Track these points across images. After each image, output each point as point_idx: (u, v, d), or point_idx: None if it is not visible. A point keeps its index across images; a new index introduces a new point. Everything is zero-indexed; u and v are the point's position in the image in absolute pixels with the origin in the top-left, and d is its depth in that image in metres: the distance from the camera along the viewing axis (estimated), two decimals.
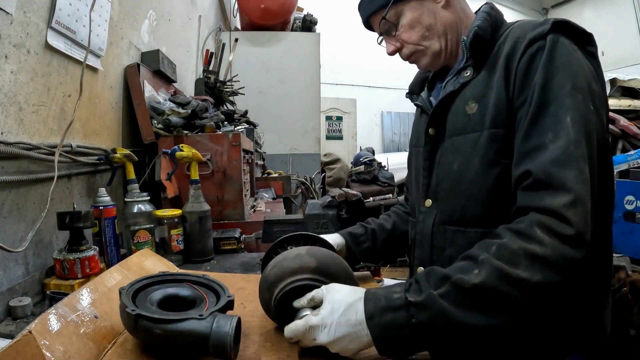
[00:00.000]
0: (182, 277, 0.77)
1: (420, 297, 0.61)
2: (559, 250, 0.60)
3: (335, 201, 1.30)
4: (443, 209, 0.86)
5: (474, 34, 0.81)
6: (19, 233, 0.97)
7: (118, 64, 1.57)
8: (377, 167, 5.28)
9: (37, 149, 1.01)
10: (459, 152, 0.82)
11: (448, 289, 0.61)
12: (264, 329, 0.78)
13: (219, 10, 4.09)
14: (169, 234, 1.27)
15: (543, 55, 0.72)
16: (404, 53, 0.92)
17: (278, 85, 4.02)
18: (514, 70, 0.75)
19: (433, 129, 0.90)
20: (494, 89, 0.78)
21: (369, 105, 8.14)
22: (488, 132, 0.77)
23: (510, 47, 0.78)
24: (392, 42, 0.93)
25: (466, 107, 0.82)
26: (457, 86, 0.84)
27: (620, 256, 1.96)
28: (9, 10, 0.93)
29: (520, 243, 0.61)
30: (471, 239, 0.77)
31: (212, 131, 1.70)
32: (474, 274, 0.61)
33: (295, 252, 0.74)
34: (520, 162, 0.70)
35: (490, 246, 0.63)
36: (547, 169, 0.65)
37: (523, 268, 0.59)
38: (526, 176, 0.68)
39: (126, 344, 0.68)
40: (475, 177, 0.79)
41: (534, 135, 0.69)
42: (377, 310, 0.62)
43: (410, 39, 0.89)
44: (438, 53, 0.89)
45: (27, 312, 0.88)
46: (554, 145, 0.66)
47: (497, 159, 0.77)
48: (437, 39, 0.88)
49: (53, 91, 1.12)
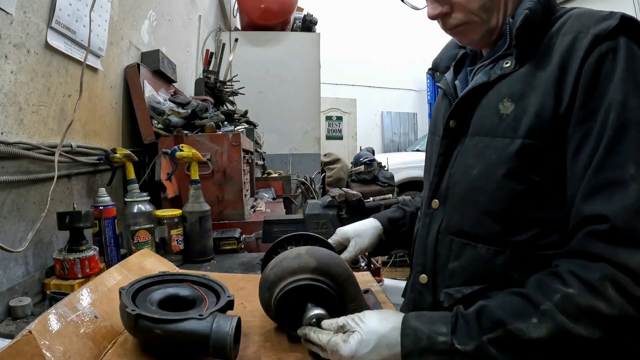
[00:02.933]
0: (182, 277, 0.77)
1: (470, 345, 0.55)
2: (623, 309, 0.53)
3: (335, 201, 1.30)
4: (452, 217, 0.75)
5: (524, 18, 0.67)
6: (19, 233, 0.97)
7: (118, 64, 1.57)
8: (377, 167, 5.27)
9: (37, 149, 1.01)
10: (481, 157, 0.70)
11: (500, 336, 0.55)
12: (264, 329, 0.78)
13: (219, 10, 4.09)
14: (169, 234, 1.28)
15: (619, 63, 0.60)
16: (451, 21, 0.74)
17: (278, 85, 4.02)
18: (573, 73, 0.62)
19: (454, 121, 0.77)
20: (539, 91, 0.65)
21: (369, 105, 8.16)
22: (522, 142, 0.65)
23: (568, 43, 0.64)
24: (440, 2, 0.73)
25: (500, 104, 0.69)
26: (493, 76, 0.71)
27: None
28: (9, 10, 0.93)
29: (590, 300, 0.54)
30: (481, 256, 0.69)
31: (212, 131, 1.70)
32: (533, 325, 0.54)
33: (295, 252, 0.74)
34: (591, 197, 0.59)
35: (554, 293, 0.56)
36: (629, 220, 0.55)
37: (585, 325, 0.53)
38: (601, 220, 0.57)
39: (126, 344, 0.68)
40: (497, 191, 0.68)
41: (610, 167, 0.58)
42: (417, 351, 0.57)
43: (469, 6, 0.71)
44: (492, 30, 0.74)
45: (27, 312, 0.88)
46: (638, 186, 0.56)
47: (525, 174, 0.65)
48: (497, 12, 0.72)
49: (53, 91, 1.12)
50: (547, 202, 0.65)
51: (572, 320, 0.53)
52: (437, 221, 0.78)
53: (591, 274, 0.55)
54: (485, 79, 0.72)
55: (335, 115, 7.45)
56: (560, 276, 0.57)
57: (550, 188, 0.64)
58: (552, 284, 0.57)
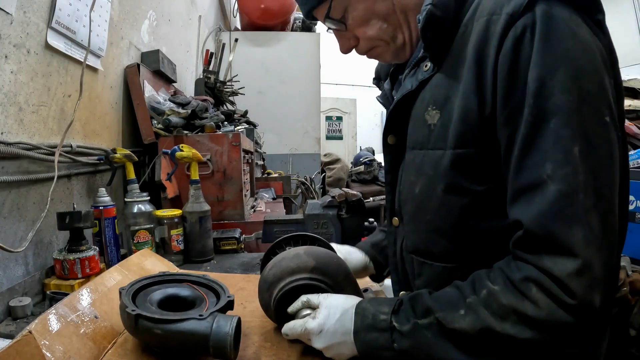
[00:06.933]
0: (182, 277, 0.77)
1: (404, 325, 0.59)
2: (554, 314, 0.50)
3: (335, 201, 1.30)
4: (409, 236, 0.72)
5: (426, 16, 0.59)
6: (19, 233, 0.97)
7: (118, 64, 1.57)
8: (377, 167, 5.27)
9: (37, 149, 1.01)
10: (420, 172, 0.66)
11: (432, 322, 0.57)
12: (264, 329, 0.78)
13: (219, 10, 4.09)
14: (169, 234, 1.28)
15: (535, 41, 0.51)
16: (362, 49, 0.74)
17: (278, 85, 4.02)
18: (490, 66, 0.55)
19: (392, 137, 0.73)
20: (459, 93, 0.59)
21: (369, 105, 8.14)
22: (452, 152, 0.59)
23: (481, 30, 0.56)
24: (345, 38, 0.74)
25: (426, 114, 0.64)
26: (414, 84, 0.66)
27: (620, 256, 1.96)
28: (9, 10, 0.93)
29: (512, 299, 0.52)
30: (439, 274, 0.66)
31: (212, 131, 1.70)
32: (459, 315, 0.55)
33: (294, 252, 0.74)
34: (514, 202, 0.55)
35: (481, 288, 0.56)
36: (545, 225, 0.50)
37: (511, 324, 0.52)
38: (518, 227, 0.53)
39: (126, 344, 0.68)
40: (440, 208, 0.63)
41: (527, 167, 0.53)
42: (363, 327, 0.62)
43: (366, 35, 0.71)
44: (401, 46, 0.71)
45: (27, 312, 0.88)
46: (555, 187, 0.50)
47: (465, 186, 0.60)
48: (399, 29, 0.69)
49: (53, 91, 1.12)
50: (497, 210, 0.59)
51: (496, 317, 0.53)
52: (400, 239, 0.75)
53: (516, 274, 0.53)
54: (408, 87, 0.67)
55: (335, 115, 7.44)
56: (492, 273, 0.57)
57: (499, 195, 0.58)
58: (483, 280, 0.57)
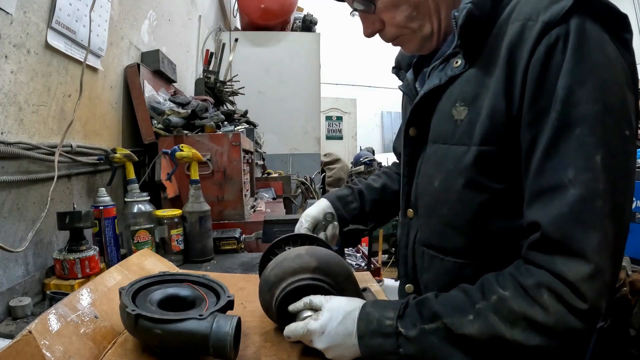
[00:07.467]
0: (182, 277, 0.77)
1: (411, 331, 0.58)
2: (564, 320, 0.51)
3: None
4: (423, 229, 0.73)
5: (466, 15, 0.60)
6: (19, 233, 0.97)
7: (118, 64, 1.57)
8: (377, 167, 5.28)
9: (37, 149, 1.01)
10: (440, 166, 0.67)
11: (439, 327, 0.57)
12: (264, 329, 0.78)
13: (219, 10, 4.09)
14: (169, 234, 1.27)
15: (567, 51, 0.53)
16: (387, 35, 0.73)
17: (278, 85, 4.02)
18: (521, 68, 0.56)
19: (414, 129, 0.74)
20: (490, 92, 0.60)
21: (369, 105, 8.15)
22: (477, 149, 0.61)
23: (515, 33, 0.57)
24: (370, 21, 0.73)
25: (453, 109, 0.65)
26: (443, 79, 0.66)
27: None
28: (9, 10, 0.93)
29: (523, 305, 0.53)
30: (449, 269, 0.68)
31: (212, 131, 1.70)
32: (468, 321, 0.55)
33: (295, 252, 0.74)
34: (532, 203, 0.56)
35: (491, 294, 0.56)
36: (563, 228, 0.52)
37: (520, 330, 0.53)
38: (536, 228, 0.54)
39: (126, 344, 0.68)
40: (457, 203, 0.64)
41: (549, 170, 0.54)
42: (368, 332, 0.61)
43: (394, 20, 0.70)
44: (429, 36, 0.71)
45: (27, 312, 0.88)
46: (576, 191, 0.51)
47: (485, 183, 0.61)
48: (428, 19, 0.69)
49: (53, 91, 1.12)
50: (512, 210, 0.61)
51: (506, 323, 0.53)
52: (413, 231, 0.76)
53: (528, 279, 0.54)
54: (437, 81, 0.67)
55: (335, 115, 7.45)
56: (502, 278, 0.57)
57: (515, 195, 0.60)
58: (493, 285, 0.57)
